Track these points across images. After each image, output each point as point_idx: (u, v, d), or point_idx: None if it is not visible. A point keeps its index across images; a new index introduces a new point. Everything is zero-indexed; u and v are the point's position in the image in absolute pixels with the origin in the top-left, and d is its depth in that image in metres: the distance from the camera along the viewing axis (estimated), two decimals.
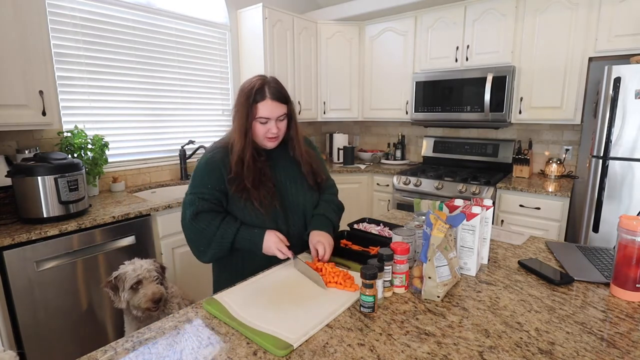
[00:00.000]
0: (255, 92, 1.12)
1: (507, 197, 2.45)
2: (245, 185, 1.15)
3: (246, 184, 1.15)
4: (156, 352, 0.74)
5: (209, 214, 1.15)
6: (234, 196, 1.17)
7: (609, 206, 2.04)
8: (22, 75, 1.68)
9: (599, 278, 1.03)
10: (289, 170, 1.28)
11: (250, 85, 1.14)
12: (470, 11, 2.72)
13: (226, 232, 1.13)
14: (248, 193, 1.15)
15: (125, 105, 2.41)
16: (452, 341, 0.76)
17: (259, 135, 1.17)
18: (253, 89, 1.13)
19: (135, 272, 1.42)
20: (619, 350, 0.73)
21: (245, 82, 1.18)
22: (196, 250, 1.18)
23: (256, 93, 1.12)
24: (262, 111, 1.13)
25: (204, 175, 1.17)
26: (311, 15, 3.40)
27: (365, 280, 0.85)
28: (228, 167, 1.16)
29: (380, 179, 3.14)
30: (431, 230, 0.94)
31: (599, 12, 2.23)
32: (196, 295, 1.94)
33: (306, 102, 3.34)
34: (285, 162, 1.28)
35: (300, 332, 0.79)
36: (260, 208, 1.15)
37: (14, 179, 1.62)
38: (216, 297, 0.96)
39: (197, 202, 1.15)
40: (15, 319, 1.51)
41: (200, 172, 1.18)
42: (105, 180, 2.30)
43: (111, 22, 2.28)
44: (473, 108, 2.71)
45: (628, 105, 1.92)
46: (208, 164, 1.18)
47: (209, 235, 1.13)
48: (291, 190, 1.26)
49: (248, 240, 1.14)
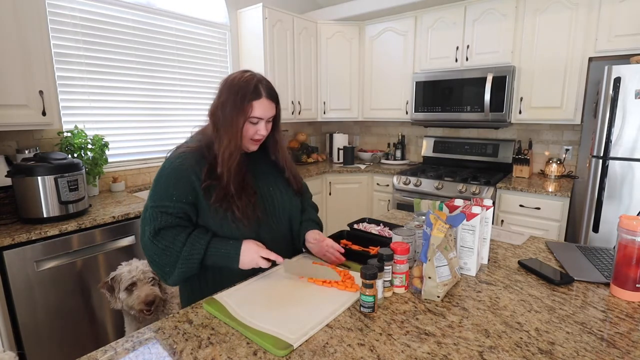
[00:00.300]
0: (253, 89, 1.03)
1: (507, 197, 2.45)
2: (228, 192, 1.02)
3: (229, 191, 1.02)
4: (156, 352, 0.74)
5: (173, 230, 1.00)
6: (211, 206, 1.03)
7: (609, 206, 2.04)
8: (22, 75, 1.68)
9: (599, 278, 1.03)
10: (270, 175, 1.18)
11: (244, 81, 1.04)
12: (470, 11, 2.72)
13: (194, 247, 0.99)
14: (229, 202, 1.02)
15: (125, 105, 2.41)
16: (452, 341, 0.76)
17: (245, 137, 1.07)
18: (249, 86, 1.03)
19: (131, 273, 1.42)
20: (619, 350, 0.73)
21: (233, 77, 1.07)
22: (161, 272, 1.02)
23: (252, 90, 1.03)
24: (257, 110, 1.04)
25: (169, 185, 1.01)
26: (311, 15, 3.40)
27: (365, 280, 0.85)
28: (201, 174, 1.02)
29: (380, 179, 3.14)
30: (431, 230, 0.94)
31: (599, 12, 2.23)
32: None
33: (306, 102, 3.34)
34: (264, 167, 1.18)
35: (300, 332, 0.79)
36: (242, 218, 1.03)
37: (14, 179, 1.62)
38: (216, 297, 0.95)
39: (158, 217, 0.99)
40: (15, 319, 1.50)
41: (165, 181, 1.02)
42: (105, 180, 2.30)
43: (111, 22, 2.28)
44: (473, 108, 2.71)
45: (628, 105, 1.92)
46: (175, 171, 1.02)
47: (174, 254, 0.98)
48: (275, 196, 1.16)
49: (221, 255, 1.00)
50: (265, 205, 1.13)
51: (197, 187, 1.03)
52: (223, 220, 1.04)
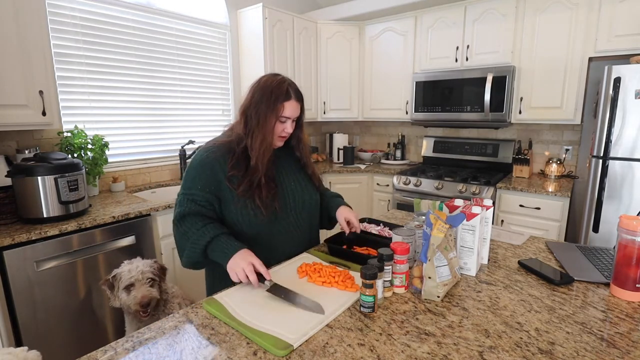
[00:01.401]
0: (285, 91, 1.13)
1: (507, 197, 2.45)
2: (255, 183, 1.11)
3: (259, 182, 1.11)
4: (156, 352, 0.74)
5: (195, 217, 1.09)
6: (235, 196, 1.11)
7: (609, 206, 2.04)
8: (22, 75, 1.68)
9: (599, 278, 1.03)
10: (292, 171, 1.26)
11: (276, 84, 1.13)
12: (470, 11, 2.72)
13: (202, 236, 1.06)
14: (253, 192, 1.11)
15: (125, 105, 2.41)
16: (452, 341, 0.76)
17: (275, 133, 1.16)
18: (282, 87, 1.12)
19: (130, 273, 1.42)
20: (619, 350, 0.73)
21: (266, 79, 1.16)
22: (179, 252, 1.13)
23: (285, 92, 1.13)
24: (287, 110, 1.13)
25: (196, 175, 1.12)
26: (311, 15, 3.40)
27: (365, 280, 0.85)
28: (226, 166, 1.11)
29: (380, 179, 3.14)
30: (431, 230, 0.94)
31: (599, 12, 2.23)
32: (196, 296, 1.95)
33: (306, 102, 3.23)
34: (287, 163, 1.26)
35: (300, 332, 0.79)
36: (262, 207, 1.11)
37: (14, 179, 1.62)
38: (216, 297, 0.95)
39: (185, 203, 1.10)
40: (15, 318, 1.50)
41: (193, 171, 1.13)
42: (105, 180, 2.30)
43: (111, 22, 2.28)
44: (473, 108, 2.71)
45: (628, 105, 1.92)
46: (202, 162, 1.12)
47: (189, 239, 1.07)
48: (296, 191, 1.23)
49: (221, 251, 1.04)
50: (286, 199, 1.20)
51: (221, 178, 1.11)
52: (243, 209, 1.12)
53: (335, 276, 1.02)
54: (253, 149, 1.12)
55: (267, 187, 1.13)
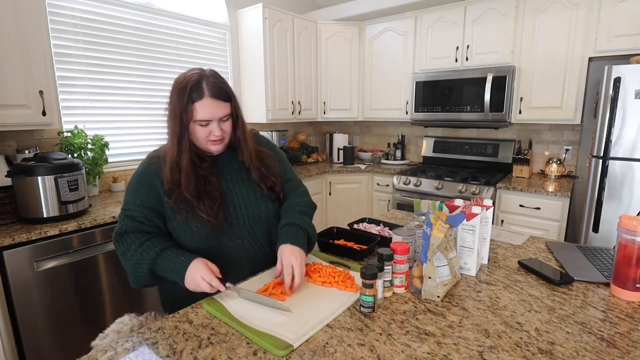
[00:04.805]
0: (191, 90, 0.96)
1: (507, 197, 2.45)
2: (184, 196, 0.99)
3: (185, 195, 0.99)
4: (156, 352, 0.74)
5: (134, 235, 1.00)
6: (173, 210, 1.01)
7: (609, 206, 2.04)
8: (22, 75, 1.68)
9: (599, 278, 1.03)
10: (241, 177, 1.11)
11: (184, 81, 0.98)
12: (470, 11, 2.72)
13: (142, 256, 0.96)
14: (189, 205, 0.99)
15: (125, 105, 2.41)
16: (452, 341, 0.76)
17: (201, 140, 1.02)
18: (188, 86, 0.96)
19: None
20: (619, 350, 0.73)
21: (179, 77, 1.01)
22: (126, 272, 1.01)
23: (192, 90, 0.96)
24: (201, 112, 0.97)
25: (135, 189, 1.02)
26: (311, 15, 3.40)
27: (365, 280, 0.85)
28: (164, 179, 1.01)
29: (380, 179, 3.14)
30: (431, 230, 0.94)
31: (599, 12, 2.23)
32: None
33: (306, 102, 3.34)
34: (234, 168, 1.11)
35: (300, 332, 0.79)
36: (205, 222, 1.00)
37: (14, 179, 1.62)
38: (216, 297, 0.95)
39: (123, 220, 1.01)
40: (15, 318, 1.50)
41: (132, 186, 1.03)
42: (105, 180, 2.30)
43: (111, 22, 2.28)
44: (473, 108, 2.71)
45: (628, 105, 1.92)
46: (140, 176, 1.03)
47: (129, 259, 0.98)
48: (249, 200, 1.09)
49: (170, 269, 0.95)
50: (236, 209, 1.08)
51: (160, 192, 1.01)
52: (185, 225, 1.02)
53: (335, 276, 1.02)
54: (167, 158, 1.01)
55: (208, 198, 1.01)
